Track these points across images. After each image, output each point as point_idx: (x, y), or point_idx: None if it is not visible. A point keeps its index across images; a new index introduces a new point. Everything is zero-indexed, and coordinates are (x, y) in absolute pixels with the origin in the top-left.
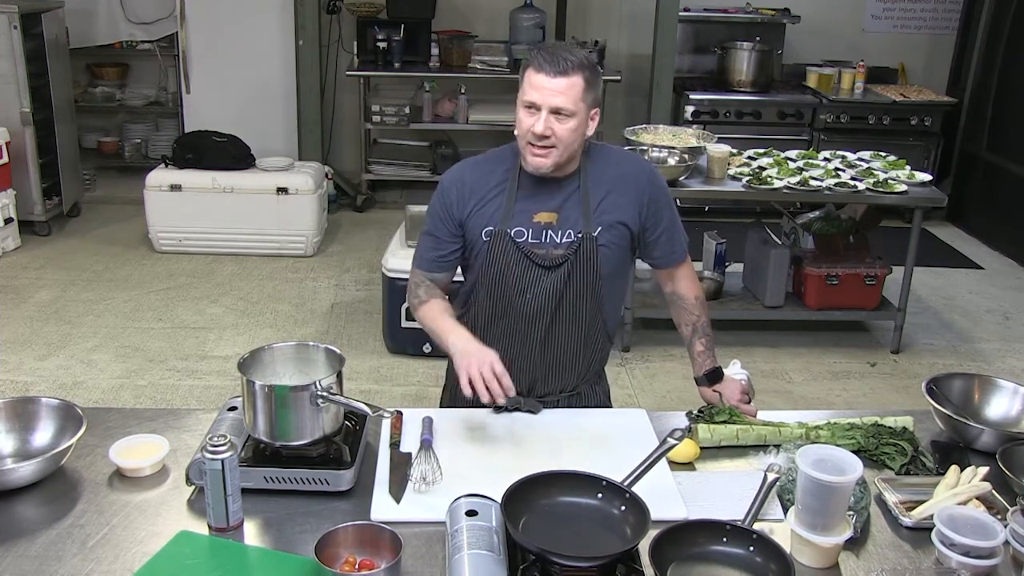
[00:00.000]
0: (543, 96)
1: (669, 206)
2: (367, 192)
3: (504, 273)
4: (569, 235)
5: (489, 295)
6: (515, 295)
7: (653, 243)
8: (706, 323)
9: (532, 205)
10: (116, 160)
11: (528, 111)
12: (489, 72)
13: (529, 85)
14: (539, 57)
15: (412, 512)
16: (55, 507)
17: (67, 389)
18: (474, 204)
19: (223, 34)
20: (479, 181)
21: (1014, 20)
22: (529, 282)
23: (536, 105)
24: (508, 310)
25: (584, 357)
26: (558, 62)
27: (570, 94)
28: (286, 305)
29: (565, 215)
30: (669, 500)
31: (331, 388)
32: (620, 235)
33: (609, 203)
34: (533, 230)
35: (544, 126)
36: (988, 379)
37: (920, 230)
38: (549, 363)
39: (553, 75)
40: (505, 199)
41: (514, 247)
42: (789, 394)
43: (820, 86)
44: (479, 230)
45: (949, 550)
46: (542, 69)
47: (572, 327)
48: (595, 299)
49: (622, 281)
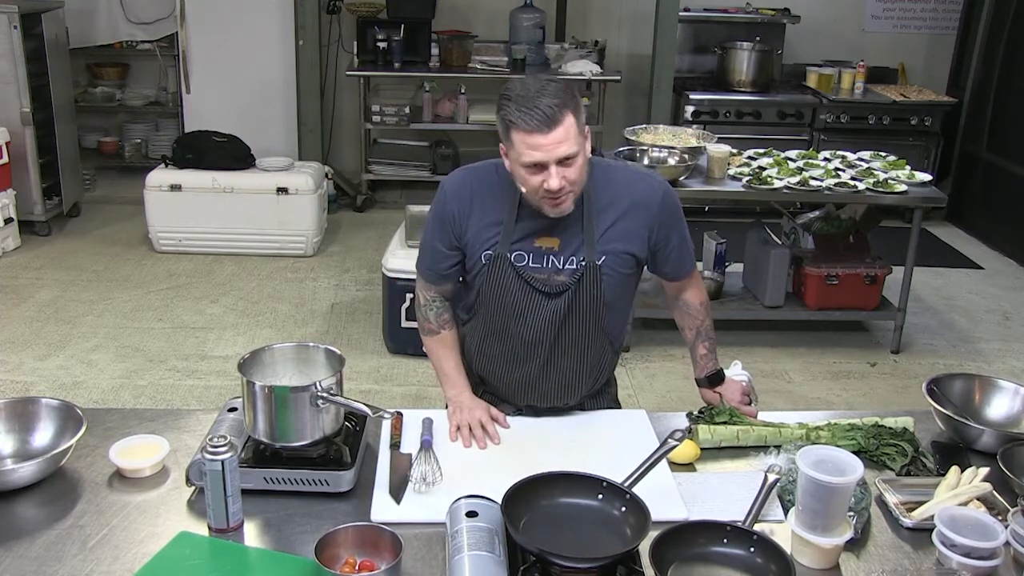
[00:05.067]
0: (546, 153)
1: (679, 224)
2: (367, 192)
3: (503, 298)
4: (572, 262)
5: (488, 316)
6: (514, 320)
7: (663, 261)
8: (710, 327)
9: (534, 229)
10: (116, 160)
11: (531, 170)
12: (489, 72)
13: (526, 147)
14: (522, 117)
15: (412, 513)
16: (55, 507)
17: (67, 389)
18: (474, 221)
19: (223, 34)
20: (481, 197)
21: (1014, 20)
22: (529, 308)
23: (541, 164)
24: (507, 333)
25: (588, 376)
26: (545, 114)
27: (569, 139)
28: (286, 305)
29: (567, 241)
30: (669, 501)
31: (331, 389)
32: (626, 263)
33: (617, 231)
34: (534, 255)
35: (559, 181)
36: (988, 379)
37: (920, 230)
38: (550, 384)
39: (547, 131)
40: (505, 222)
41: (513, 272)
42: (789, 394)
43: (820, 86)
44: (479, 252)
45: (950, 551)
46: (533, 129)
47: (574, 351)
48: (598, 323)
49: (628, 299)
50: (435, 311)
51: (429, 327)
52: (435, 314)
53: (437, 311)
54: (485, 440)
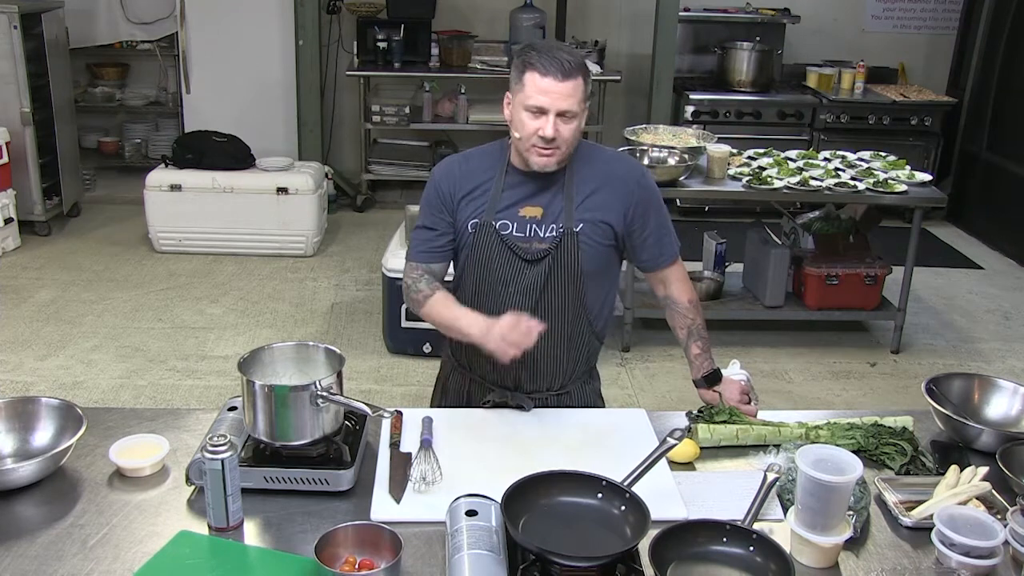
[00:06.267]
0: (551, 100)
1: (658, 209)
2: (367, 192)
3: (488, 264)
4: (552, 229)
5: (473, 286)
6: (498, 286)
7: (640, 246)
8: (701, 325)
9: (519, 199)
10: (116, 160)
11: (532, 114)
12: (489, 72)
13: (535, 89)
14: (541, 61)
15: (412, 512)
16: (55, 507)
17: (67, 389)
18: (463, 196)
19: (223, 34)
20: (468, 174)
21: (1014, 20)
22: (512, 274)
23: (543, 109)
24: (491, 303)
25: (569, 355)
26: (562, 64)
27: (576, 96)
28: (286, 305)
29: (551, 210)
30: (669, 500)
31: (331, 388)
32: (603, 233)
33: (594, 201)
34: (518, 223)
35: (553, 129)
36: (988, 379)
37: (920, 230)
38: (534, 358)
39: (561, 79)
40: (492, 192)
41: (498, 239)
42: (789, 394)
43: (820, 86)
44: (466, 222)
45: (949, 550)
46: (549, 73)
47: (555, 322)
48: (577, 294)
49: (608, 280)
50: (426, 280)
51: (424, 294)
52: (426, 283)
53: (428, 280)
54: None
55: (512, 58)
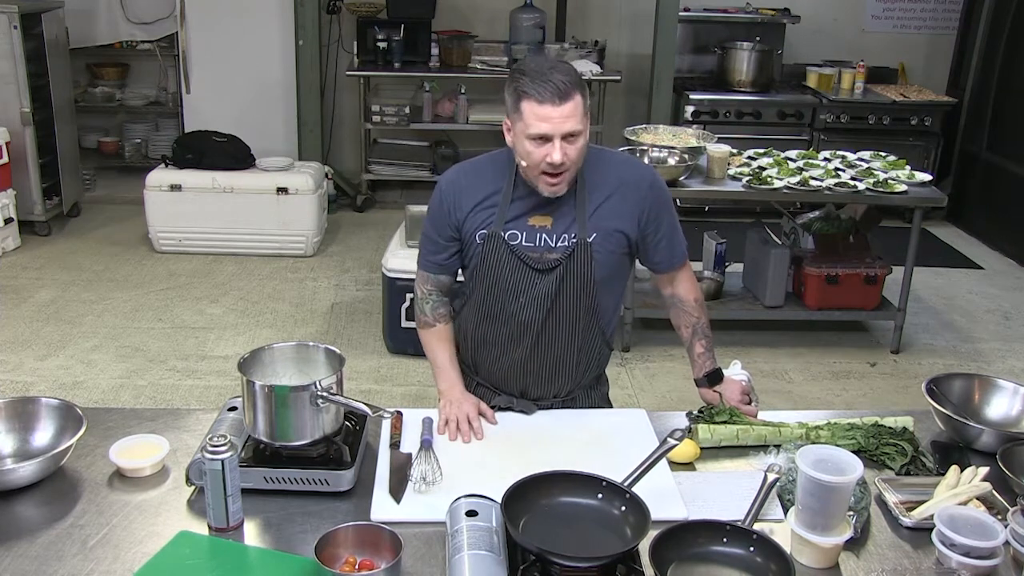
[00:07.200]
0: (554, 126)
1: (669, 212)
2: (367, 192)
3: (497, 275)
4: (564, 239)
5: (483, 297)
6: (508, 297)
7: (653, 249)
8: (705, 324)
9: (527, 208)
10: (116, 160)
11: (536, 142)
12: (489, 72)
13: (535, 118)
14: (535, 88)
15: (412, 512)
16: (55, 507)
17: (67, 389)
18: (470, 207)
19: (223, 34)
20: (475, 184)
21: (1014, 20)
22: (522, 285)
23: (547, 136)
24: (500, 313)
25: (578, 363)
26: (557, 87)
27: (576, 115)
28: (286, 305)
29: (560, 219)
30: (669, 500)
31: (331, 388)
32: (617, 242)
33: (607, 209)
34: (527, 233)
35: (561, 154)
36: (988, 379)
37: (920, 230)
38: (541, 367)
39: (559, 103)
40: (500, 202)
41: (507, 250)
42: (789, 394)
43: (820, 86)
44: (474, 233)
45: (949, 550)
46: (545, 100)
47: (565, 331)
48: (589, 304)
49: (619, 286)
50: (431, 304)
51: (425, 320)
52: (431, 307)
53: (433, 304)
54: (479, 434)
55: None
